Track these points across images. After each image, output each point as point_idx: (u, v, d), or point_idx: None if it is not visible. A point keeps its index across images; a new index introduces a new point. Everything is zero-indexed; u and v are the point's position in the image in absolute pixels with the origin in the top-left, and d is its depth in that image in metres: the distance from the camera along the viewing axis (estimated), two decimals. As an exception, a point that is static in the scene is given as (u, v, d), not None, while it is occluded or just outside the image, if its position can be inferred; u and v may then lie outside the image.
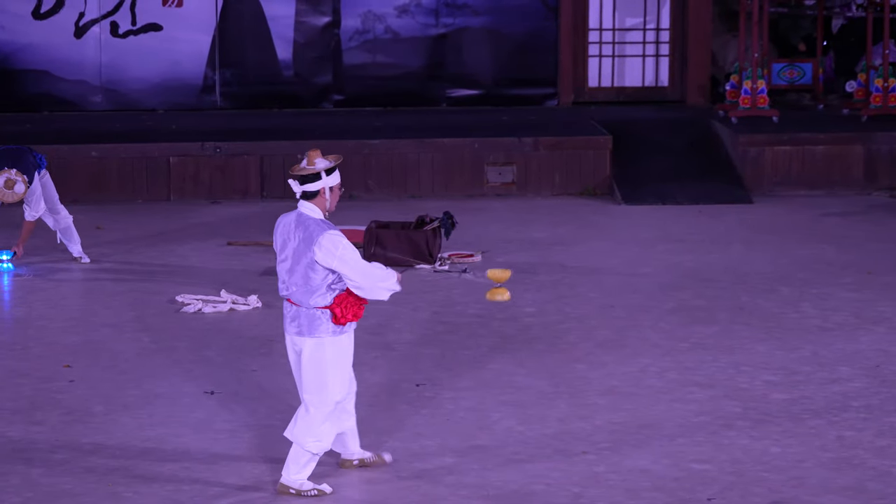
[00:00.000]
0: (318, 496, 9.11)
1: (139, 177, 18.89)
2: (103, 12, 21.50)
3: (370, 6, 21.77)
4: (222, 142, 19.13)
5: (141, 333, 13.00)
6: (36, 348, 12.65)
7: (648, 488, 9.40)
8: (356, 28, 21.83)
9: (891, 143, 19.61)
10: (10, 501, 9.21)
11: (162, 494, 9.30)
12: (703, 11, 21.86)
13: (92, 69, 21.57)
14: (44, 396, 11.26)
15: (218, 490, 9.34)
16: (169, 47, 21.65)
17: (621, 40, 22.10)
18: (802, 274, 15.05)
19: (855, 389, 11.35)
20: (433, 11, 21.84)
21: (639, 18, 22.03)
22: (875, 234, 17.08)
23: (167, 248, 16.39)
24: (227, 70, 21.77)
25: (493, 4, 21.89)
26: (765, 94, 20.09)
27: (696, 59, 21.97)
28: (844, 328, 13.09)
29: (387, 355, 12.03)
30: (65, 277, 15.22)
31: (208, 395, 11.26)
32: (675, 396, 11.23)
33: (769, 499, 9.22)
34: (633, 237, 17.03)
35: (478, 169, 19.37)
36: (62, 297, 14.56)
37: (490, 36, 21.96)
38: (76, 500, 9.24)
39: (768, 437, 10.33)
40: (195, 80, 21.75)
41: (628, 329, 13.11)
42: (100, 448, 10.13)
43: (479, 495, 9.30)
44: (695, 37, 21.89)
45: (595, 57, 22.07)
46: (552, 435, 10.36)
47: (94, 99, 21.58)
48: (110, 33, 21.58)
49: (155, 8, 21.54)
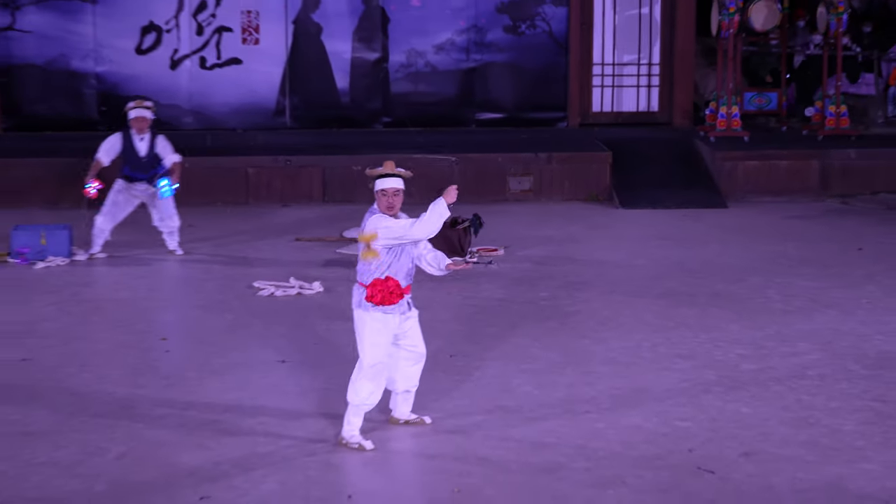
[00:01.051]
0: (358, 449, 9.12)
1: (223, 184, 18.93)
2: (194, 48, 21.54)
3: (412, 45, 21.77)
4: (291, 155, 19.14)
5: (225, 312, 13.03)
6: (139, 324, 12.70)
7: (640, 441, 9.40)
8: (401, 62, 21.83)
9: (842, 158, 19.54)
10: (117, 449, 9.25)
11: (242, 445, 9.33)
12: (687, 49, 21.81)
13: (184, 96, 21.61)
14: (145, 364, 11.30)
15: (288, 442, 9.36)
16: (247, 77, 21.67)
17: (619, 73, 22.06)
18: (768, 266, 15.02)
19: (811, 361, 11.32)
20: (465, 49, 21.83)
21: (634, 55, 21.98)
22: (828, 233, 17.03)
23: (246, 243, 16.43)
24: (295, 96, 21.79)
25: (514, 43, 21.86)
26: (738, 118, 20.06)
27: (681, 89, 21.91)
28: (802, 311, 13.06)
29: (426, 331, 11.99)
30: (163, 266, 15.28)
31: (280, 363, 11.28)
32: (662, 366, 11.22)
33: (740, 451, 9.20)
34: (629, 235, 17.01)
35: (501, 179, 19.36)
36: (160, 283, 14.62)
37: (511, 69, 21.93)
38: (172, 448, 9.27)
39: (739, 399, 10.31)
40: (269, 104, 21.77)
41: (625, 310, 13.09)
42: (191, 406, 10.16)
43: (503, 446, 9.32)
44: (680, 70, 21.84)
45: (598, 87, 22.03)
46: (562, 397, 10.36)
47: (185, 120, 21.61)
48: (199, 66, 21.61)
49: (236, 45, 21.56)
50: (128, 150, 15.39)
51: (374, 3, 21.69)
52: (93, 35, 21.32)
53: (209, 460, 9.05)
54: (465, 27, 21.80)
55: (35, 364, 11.30)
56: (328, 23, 21.68)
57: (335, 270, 14.65)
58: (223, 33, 21.58)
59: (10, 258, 15.08)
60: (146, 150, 15.41)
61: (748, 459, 9.06)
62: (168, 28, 21.49)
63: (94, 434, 9.55)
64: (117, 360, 11.41)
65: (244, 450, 9.25)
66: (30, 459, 9.08)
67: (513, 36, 21.88)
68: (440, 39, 21.81)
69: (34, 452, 9.20)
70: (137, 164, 15.42)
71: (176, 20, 21.46)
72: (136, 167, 15.43)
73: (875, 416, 9.95)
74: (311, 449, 9.25)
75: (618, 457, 9.11)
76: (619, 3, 21.89)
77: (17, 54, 21.20)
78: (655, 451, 9.20)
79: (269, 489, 8.58)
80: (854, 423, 9.79)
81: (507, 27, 21.86)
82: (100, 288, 14.07)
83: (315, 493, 8.53)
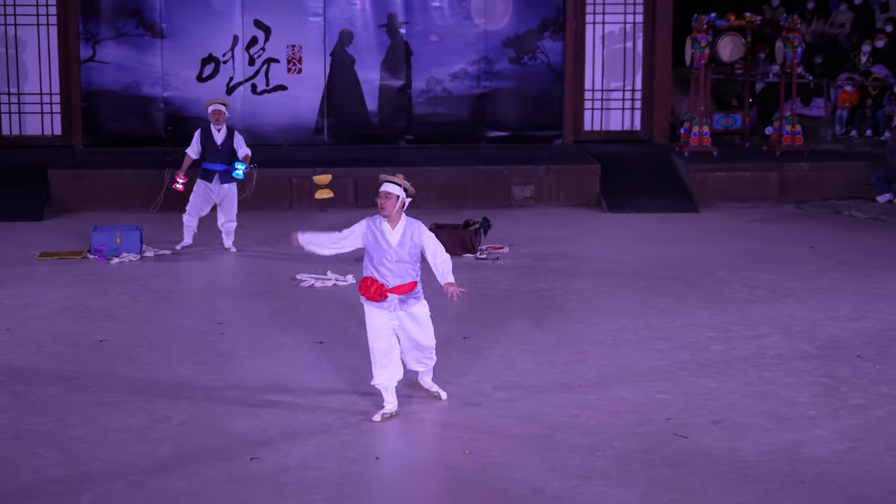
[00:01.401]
0: (381, 420, 9.14)
1: (270, 192, 18.87)
2: (246, 77, 21.50)
3: (432, 73, 21.70)
4: (328, 167, 19.09)
5: (272, 300, 13.01)
6: (199, 310, 12.70)
7: (626, 411, 9.38)
8: (422, 89, 21.77)
9: (796, 170, 19.46)
10: (180, 417, 9.24)
11: (286, 414, 9.33)
12: (664, 77, 21.72)
13: (238, 117, 21.53)
14: (204, 344, 11.30)
15: (324, 411, 9.36)
16: (292, 101, 21.63)
17: (607, 97, 21.96)
18: (734, 262, 14.96)
19: (771, 343, 11.28)
20: (476, 77, 21.77)
21: (620, 82, 21.89)
22: (785, 234, 16.95)
23: (289, 240, 16.39)
24: (331, 117, 21.75)
25: (517, 72, 21.79)
26: (708, 136, 19.96)
27: (659, 111, 21.82)
28: (763, 300, 13.00)
29: (442, 317, 11.97)
30: (219, 261, 15.26)
31: (318, 344, 11.27)
32: (644, 347, 11.18)
33: (710, 419, 9.18)
34: (615, 236, 16.95)
35: (506, 187, 19.29)
36: (217, 275, 14.61)
37: (515, 94, 21.86)
38: (226, 416, 9.26)
39: (709, 375, 10.28)
40: (310, 124, 21.74)
41: (612, 299, 13.05)
42: (243, 381, 10.16)
43: (507, 415, 9.30)
44: (659, 95, 21.75)
45: (589, 109, 21.92)
46: (558, 373, 10.33)
47: (239, 137, 21.61)
48: (251, 92, 21.57)
49: (282, 74, 21.53)
50: (206, 140, 15.42)
51: (399, 38, 21.66)
52: (161, 65, 21.31)
53: (258, 427, 9.06)
54: (476, 59, 21.73)
55: (111, 344, 11.30)
56: (360, 55, 21.65)
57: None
58: (271, 64, 21.55)
59: (89, 254, 15.10)
60: (222, 140, 15.40)
61: (717, 426, 9.03)
62: (225, 59, 21.47)
63: (160, 404, 9.55)
64: (180, 341, 11.41)
65: (287, 418, 9.24)
66: (105, 426, 9.08)
67: (516, 66, 21.82)
68: (455, 69, 21.75)
69: (109, 420, 9.21)
70: (214, 154, 15.42)
71: (231, 53, 21.43)
72: (214, 156, 15.43)
73: (825, 389, 9.92)
74: (344, 418, 9.24)
75: (606, 424, 9.09)
76: (607, 38, 21.80)
77: (97, 81, 21.21)
78: (638, 420, 9.18)
79: (309, 451, 8.57)
80: (807, 395, 9.77)
81: (512, 58, 21.79)
82: (165, 280, 14.07)
83: (348, 454, 8.52)
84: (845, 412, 9.37)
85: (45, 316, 12.34)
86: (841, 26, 22.93)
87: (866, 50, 21.54)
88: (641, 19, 21.79)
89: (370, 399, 9.52)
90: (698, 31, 19.78)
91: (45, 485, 7.96)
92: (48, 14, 20.99)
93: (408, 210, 9.46)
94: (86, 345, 11.31)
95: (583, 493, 7.82)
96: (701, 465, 8.29)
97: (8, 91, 21.02)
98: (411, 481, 8.03)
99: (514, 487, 7.96)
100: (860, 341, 11.35)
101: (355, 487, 7.95)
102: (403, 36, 21.68)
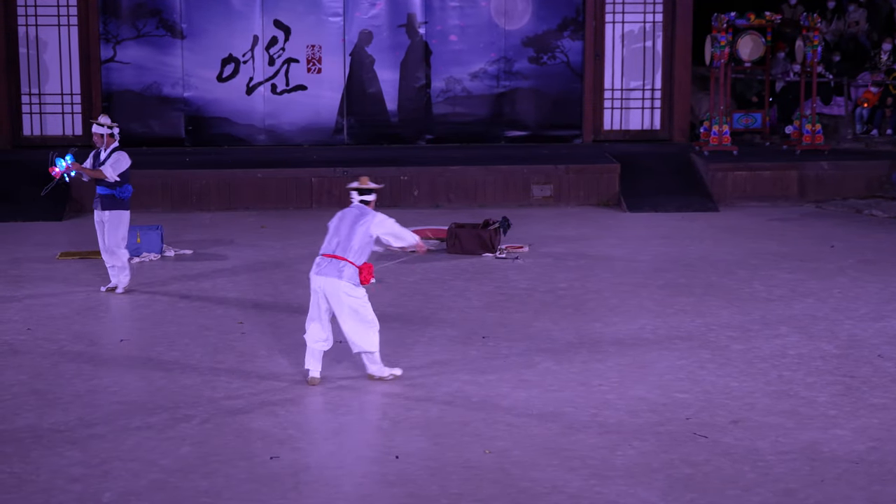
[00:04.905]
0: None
1: (291, 191, 18.94)
2: (266, 77, 21.53)
3: (451, 73, 21.71)
4: (348, 167, 19.11)
5: (291, 298, 13.02)
6: (218, 310, 12.71)
7: (644, 410, 9.37)
8: (441, 88, 21.78)
9: (816, 169, 19.42)
10: (200, 416, 9.26)
11: (305, 413, 9.38)
12: (684, 76, 21.69)
13: (258, 117, 21.64)
14: (224, 343, 11.32)
15: (344, 410, 9.42)
16: (311, 101, 21.66)
17: (627, 97, 21.95)
18: (754, 261, 14.93)
19: (791, 342, 11.26)
20: (495, 76, 21.77)
21: (639, 81, 21.88)
22: (805, 233, 16.92)
23: (310, 239, 16.34)
24: (351, 117, 21.77)
25: (537, 71, 21.79)
26: (728, 135, 19.94)
27: (679, 110, 21.80)
28: (783, 299, 12.98)
29: (464, 316, 11.99)
30: (239, 260, 15.26)
31: (338, 343, 11.26)
32: (663, 346, 11.17)
33: (729, 418, 9.17)
34: (634, 235, 16.93)
35: (526, 187, 19.28)
36: (236, 274, 14.62)
37: (535, 94, 21.85)
38: (246, 415, 9.28)
39: (729, 375, 10.27)
40: (329, 124, 21.76)
41: (631, 298, 13.03)
42: (262, 380, 10.18)
43: (527, 414, 9.30)
44: (678, 94, 21.73)
45: (608, 108, 21.91)
46: (577, 372, 10.33)
47: (259, 137, 21.63)
48: (271, 92, 21.61)
49: (302, 74, 21.56)
50: (95, 164, 13.44)
51: (418, 38, 21.67)
52: (181, 66, 21.37)
53: (277, 425, 9.08)
54: (496, 58, 21.73)
55: (131, 344, 11.35)
56: (380, 55, 21.67)
57: (382, 263, 14.62)
58: (291, 64, 21.58)
59: (110, 254, 15.08)
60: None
61: (736, 426, 9.02)
62: (245, 60, 21.51)
63: (180, 403, 9.58)
64: (200, 341, 11.43)
65: (307, 417, 9.27)
66: (126, 424, 9.11)
67: (536, 66, 21.81)
68: (474, 69, 21.75)
69: (130, 419, 9.24)
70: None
71: (251, 53, 21.48)
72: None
73: (845, 389, 9.91)
74: (365, 416, 9.29)
75: (625, 423, 9.09)
76: (627, 37, 21.79)
77: (117, 82, 21.28)
78: (657, 419, 9.17)
79: (329, 450, 8.60)
80: (827, 395, 9.75)
81: (531, 58, 21.78)
82: (185, 279, 14.09)
83: (367, 453, 8.55)
84: (866, 411, 9.35)
85: (65, 315, 12.39)
86: (856, 24, 22.88)
87: (886, 48, 21.49)
88: (661, 18, 21.76)
89: (390, 398, 9.54)
90: (718, 30, 19.76)
91: (67, 483, 8.00)
92: (69, 14, 21.06)
93: (427, 210, 9.56)
94: (106, 344, 11.35)
95: (603, 493, 7.82)
96: (720, 464, 8.28)
97: (29, 91, 21.12)
98: (431, 480, 8.03)
99: (534, 486, 7.96)
100: (881, 340, 11.33)
101: (375, 486, 7.97)
102: (423, 36, 21.69)
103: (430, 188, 19.09)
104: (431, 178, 19.15)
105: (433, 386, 9.85)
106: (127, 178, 13.19)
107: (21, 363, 10.68)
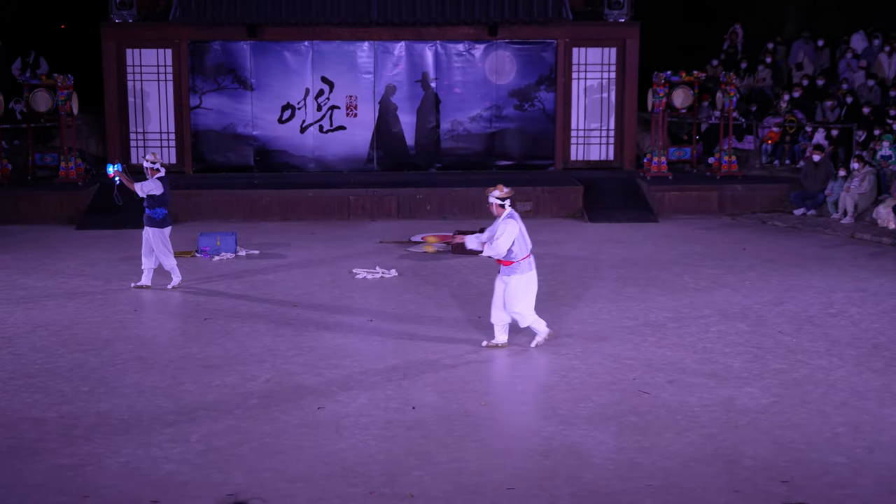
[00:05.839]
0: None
1: (333, 206, 18.92)
2: (315, 119, 21.51)
3: (455, 117, 21.68)
4: (377, 188, 19.09)
5: (334, 288, 13.00)
6: (278, 296, 12.63)
7: (602, 372, 9.33)
8: (448, 128, 21.74)
9: (732, 190, 19.34)
10: (264, 377, 9.20)
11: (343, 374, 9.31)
12: (631, 120, 21.66)
13: (309, 150, 21.63)
14: (283, 321, 11.27)
15: (372, 371, 9.31)
16: (349, 138, 21.64)
17: (588, 135, 21.89)
18: (684, 260, 14.89)
19: (712, 322, 11.22)
20: (489, 119, 21.74)
21: (598, 123, 21.83)
22: (723, 238, 16.84)
23: (348, 243, 16.40)
24: (380, 150, 21.74)
25: (520, 116, 21.73)
26: (665, 164, 19.91)
27: (628, 145, 21.76)
28: (707, 289, 12.93)
29: (462, 299, 11.93)
30: (294, 259, 15.22)
31: (369, 321, 11.27)
32: (616, 325, 11.13)
33: (665, 379, 9.14)
34: (594, 240, 16.88)
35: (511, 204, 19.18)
36: (291, 269, 14.60)
37: (519, 133, 21.80)
38: (300, 376, 9.19)
39: (665, 346, 10.23)
40: (363, 155, 21.73)
41: (591, 288, 12.99)
42: (313, 349, 10.12)
43: (512, 376, 9.26)
44: (628, 133, 21.69)
45: (574, 143, 21.87)
46: (551, 346, 10.30)
47: (309, 165, 21.62)
48: (319, 131, 21.58)
49: (342, 117, 21.52)
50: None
51: (430, 90, 21.64)
52: (251, 111, 21.35)
53: (323, 383, 9.06)
54: (489, 105, 21.70)
55: (213, 321, 11.32)
56: (401, 103, 21.64)
57: (405, 262, 14.63)
58: (334, 110, 21.55)
59: (196, 254, 15.14)
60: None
61: (671, 385, 8.99)
62: (299, 106, 21.49)
63: (250, 366, 9.56)
64: (265, 319, 11.41)
65: (346, 377, 9.24)
66: (207, 382, 9.10)
67: (519, 111, 21.76)
68: (473, 113, 21.71)
69: (211, 378, 9.22)
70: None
71: (304, 101, 21.46)
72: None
73: (754, 357, 9.87)
74: (387, 376, 9.24)
75: (587, 382, 9.06)
76: (588, 90, 21.74)
77: (202, 123, 21.28)
78: (611, 379, 9.15)
79: (361, 402, 8.57)
80: (740, 361, 9.72)
81: (516, 106, 21.73)
82: (254, 273, 14.08)
83: (392, 405, 8.53)
84: (769, 374, 9.32)
85: (162, 300, 12.37)
86: (763, 80, 22.87)
87: (786, 98, 21.47)
88: (615, 76, 21.73)
89: (408, 364, 9.52)
90: (657, 84, 19.78)
91: (162, 427, 7.99)
92: (166, 73, 21.08)
93: (439, 221, 9.48)
94: (193, 321, 11.34)
95: (569, 435, 7.80)
96: (659, 414, 8.26)
97: (136, 130, 21.17)
98: (440, 425, 8.02)
99: (517, 431, 7.98)
100: (781, 320, 11.29)
101: (397, 430, 7.95)
102: (434, 88, 21.66)
103: (439, 204, 19.05)
104: (441, 197, 19.11)
105: (441, 354, 9.79)
106: (160, 203, 12.77)
107: (129, 336, 10.68)
